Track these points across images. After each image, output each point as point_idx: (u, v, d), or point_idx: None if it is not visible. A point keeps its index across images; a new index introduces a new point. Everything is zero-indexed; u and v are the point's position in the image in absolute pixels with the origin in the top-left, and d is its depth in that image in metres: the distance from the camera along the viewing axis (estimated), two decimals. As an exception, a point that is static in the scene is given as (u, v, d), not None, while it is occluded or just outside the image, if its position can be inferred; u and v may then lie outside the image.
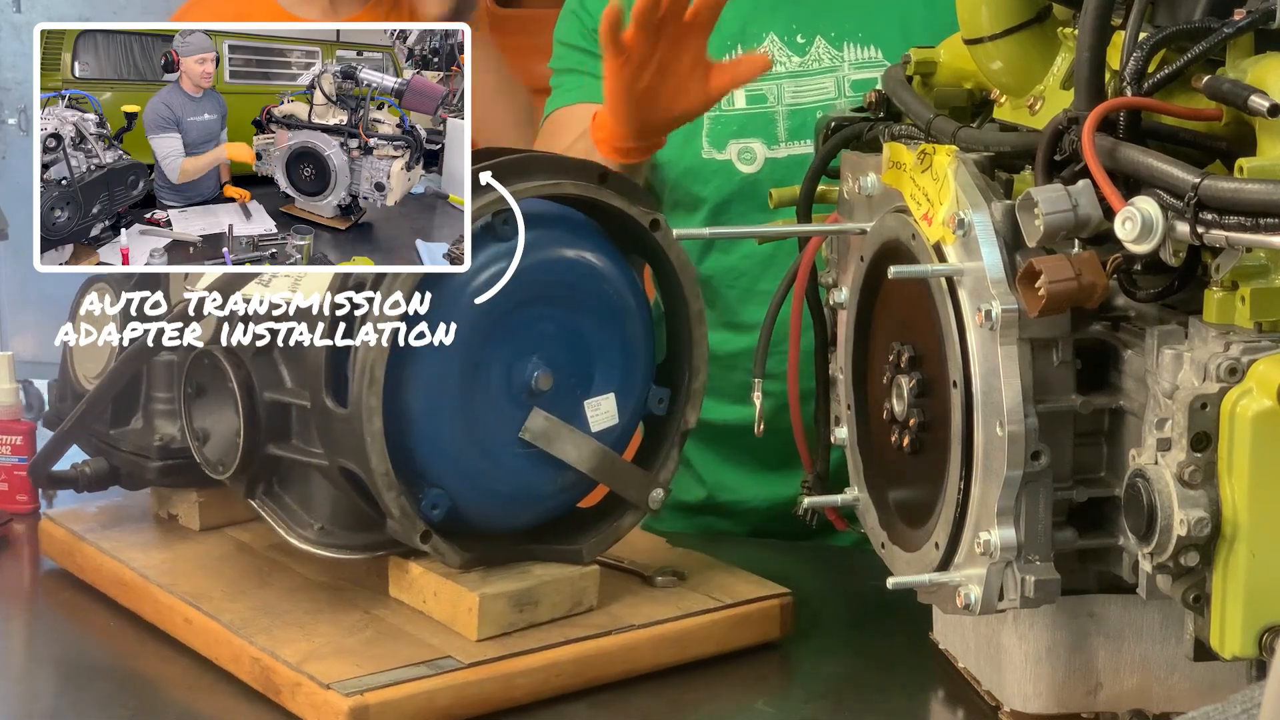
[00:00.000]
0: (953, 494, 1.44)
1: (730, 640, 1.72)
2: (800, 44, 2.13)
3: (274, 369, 1.72)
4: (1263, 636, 1.26)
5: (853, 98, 2.10)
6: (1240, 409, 1.24)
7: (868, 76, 2.10)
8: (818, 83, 2.13)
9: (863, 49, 2.12)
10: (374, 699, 1.54)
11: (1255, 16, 1.31)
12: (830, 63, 2.13)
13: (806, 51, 2.13)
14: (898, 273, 1.45)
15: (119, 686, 1.71)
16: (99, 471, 1.94)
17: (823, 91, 2.12)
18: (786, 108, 2.13)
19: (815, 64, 2.13)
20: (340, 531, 1.74)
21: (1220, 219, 1.24)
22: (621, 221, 1.72)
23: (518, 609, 1.65)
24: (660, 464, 1.76)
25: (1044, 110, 1.53)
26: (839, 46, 2.13)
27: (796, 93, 2.13)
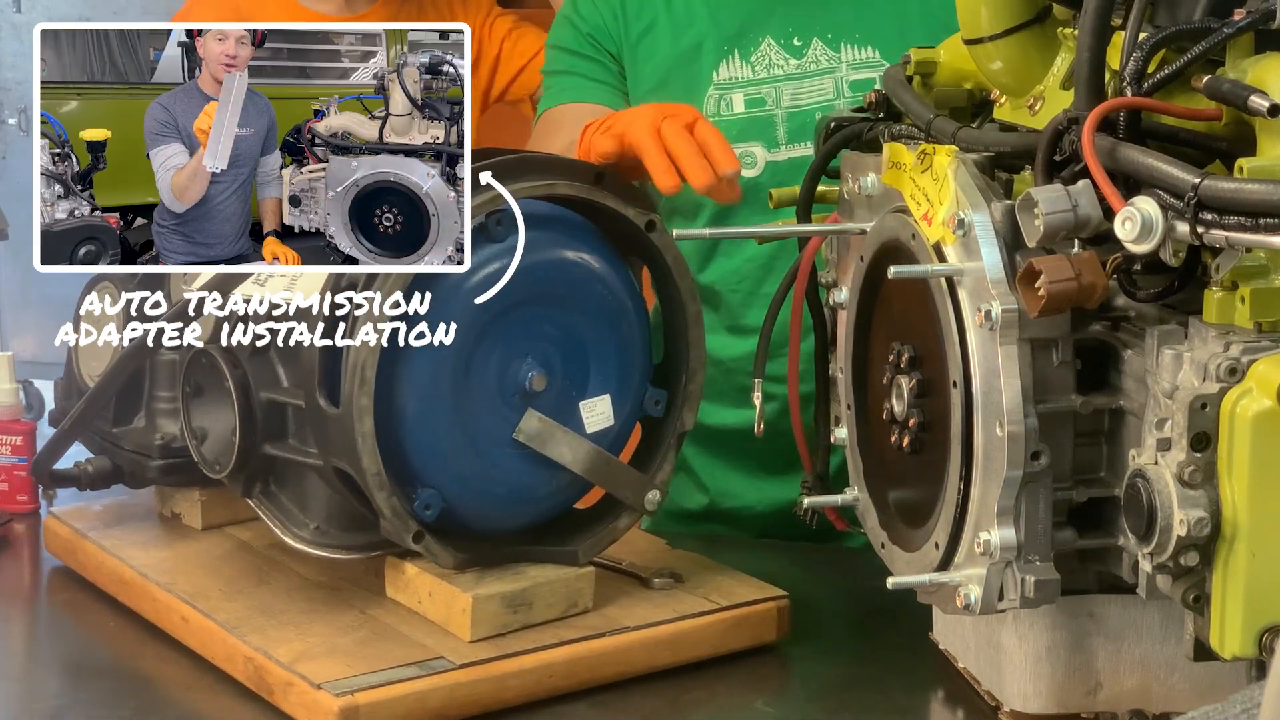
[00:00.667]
0: (953, 494, 1.44)
1: (726, 643, 1.72)
2: (797, 46, 2.13)
3: (270, 369, 1.72)
4: (1262, 636, 1.26)
5: (851, 98, 2.10)
6: (1240, 409, 1.24)
7: (866, 76, 2.10)
8: (816, 84, 2.13)
9: (860, 49, 2.12)
10: (365, 699, 1.54)
11: (1255, 16, 1.31)
12: (828, 64, 2.12)
13: (804, 54, 2.13)
14: (898, 273, 1.45)
15: (120, 686, 1.71)
16: (101, 470, 1.94)
17: (821, 93, 2.12)
18: (785, 110, 2.13)
19: (813, 65, 2.13)
20: (336, 531, 1.74)
21: (1220, 219, 1.24)
22: (618, 223, 1.72)
23: (512, 610, 1.65)
24: (657, 466, 1.76)
25: (1044, 110, 1.52)
26: (836, 48, 2.12)
27: (795, 95, 2.13)
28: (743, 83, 2.13)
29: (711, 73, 2.13)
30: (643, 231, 1.72)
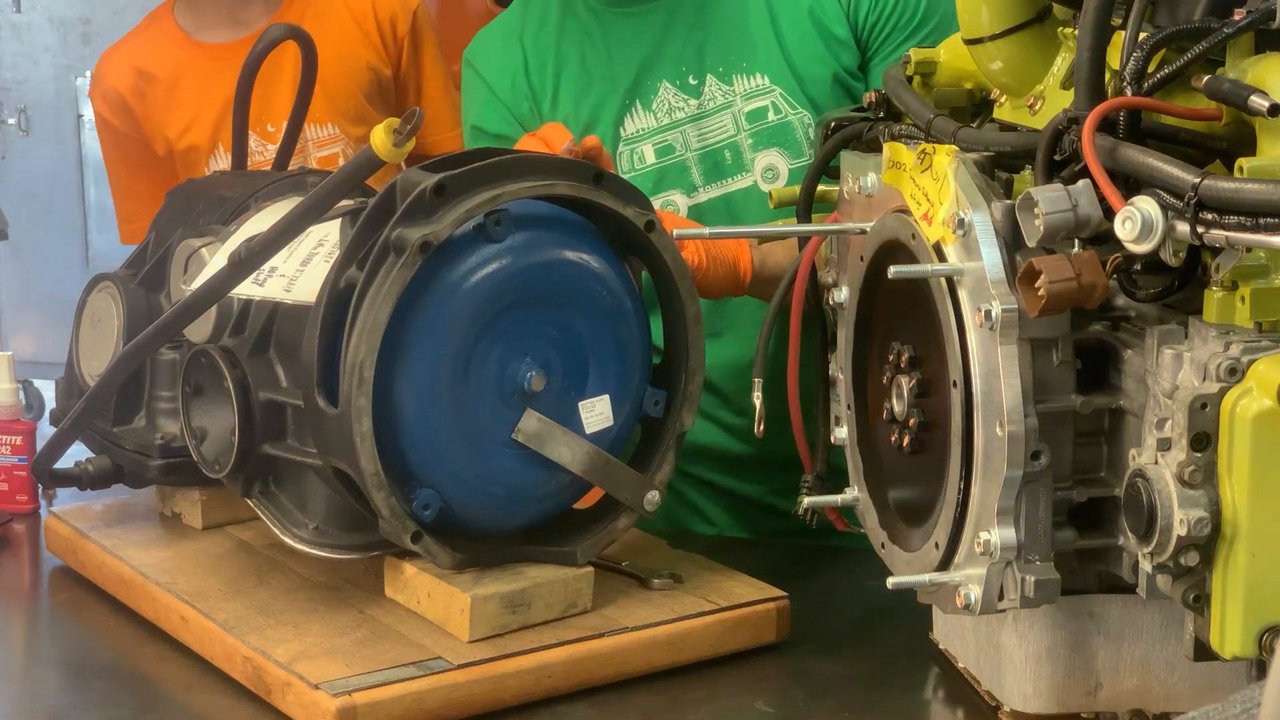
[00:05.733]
0: (953, 494, 1.44)
1: (725, 644, 1.72)
2: (693, 85, 2.12)
3: (269, 368, 1.72)
4: (1262, 636, 1.26)
5: (750, 129, 2.10)
6: (1240, 409, 1.24)
7: (759, 104, 2.10)
8: (717, 121, 2.12)
9: (749, 78, 2.11)
10: (362, 699, 1.54)
11: (1255, 16, 1.31)
12: (724, 99, 2.11)
13: (700, 92, 2.12)
14: (898, 273, 1.45)
15: (120, 685, 1.71)
16: (102, 469, 1.94)
17: (723, 130, 2.12)
18: (696, 153, 2.12)
19: (711, 103, 2.12)
20: (335, 531, 1.74)
21: (1220, 219, 1.24)
22: (618, 223, 1.71)
23: (510, 610, 1.65)
24: (656, 466, 1.76)
25: (1044, 110, 1.52)
26: (729, 80, 2.11)
27: (702, 135, 2.12)
28: (649, 132, 2.13)
29: (618, 129, 2.13)
30: (642, 232, 1.72)
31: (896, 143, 1.57)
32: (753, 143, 2.11)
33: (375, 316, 1.57)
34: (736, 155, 2.11)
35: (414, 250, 1.56)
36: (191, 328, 1.77)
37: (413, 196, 1.59)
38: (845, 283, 1.65)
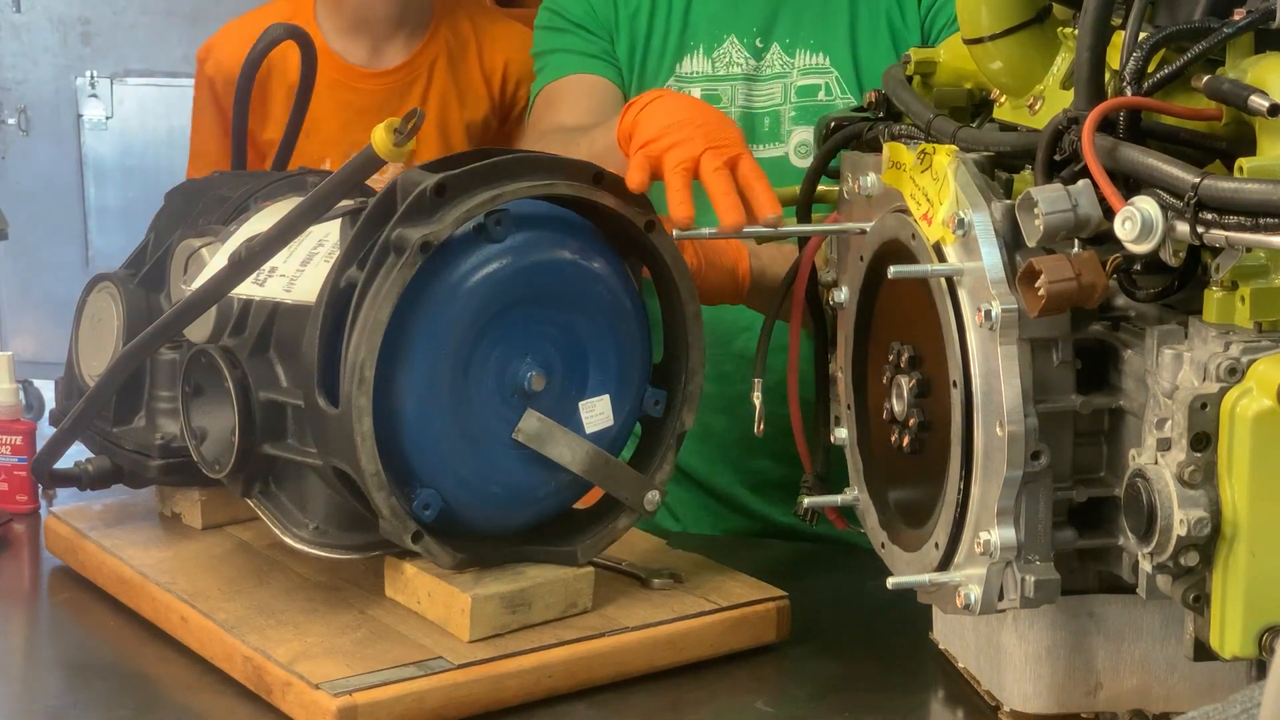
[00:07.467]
0: (953, 494, 1.44)
1: (725, 643, 1.71)
2: (759, 48, 2.17)
3: (270, 368, 1.72)
4: (1262, 636, 1.26)
5: (797, 103, 2.14)
6: (1240, 409, 1.24)
7: (813, 82, 2.14)
8: (768, 88, 2.17)
9: (812, 55, 2.15)
10: (363, 699, 1.54)
11: (1255, 16, 1.31)
12: (782, 68, 2.16)
13: (763, 55, 2.16)
14: (898, 273, 1.45)
15: (120, 685, 1.71)
16: (102, 469, 1.94)
17: (770, 97, 2.16)
18: (739, 109, 2.16)
19: (768, 69, 2.16)
20: (335, 531, 1.74)
21: (1220, 219, 1.24)
22: (618, 223, 1.71)
23: (510, 610, 1.65)
24: (656, 466, 1.76)
25: (1044, 110, 1.52)
26: (791, 53, 2.16)
27: (750, 96, 2.16)
28: (702, 78, 2.17)
29: (675, 64, 2.18)
30: (642, 232, 1.72)
31: (896, 143, 1.57)
32: (794, 115, 2.15)
33: (376, 316, 1.57)
34: (775, 124, 2.15)
35: (414, 250, 1.56)
36: (191, 328, 1.77)
37: (413, 196, 1.59)
38: (845, 283, 1.65)
